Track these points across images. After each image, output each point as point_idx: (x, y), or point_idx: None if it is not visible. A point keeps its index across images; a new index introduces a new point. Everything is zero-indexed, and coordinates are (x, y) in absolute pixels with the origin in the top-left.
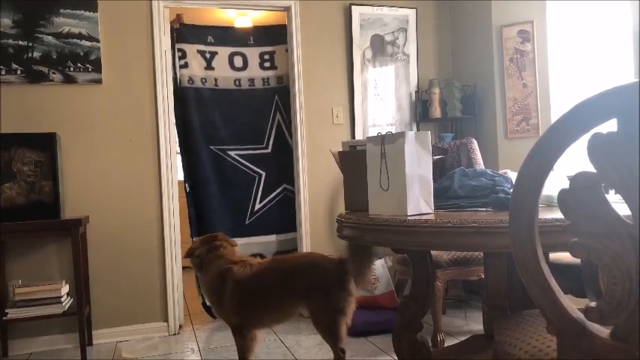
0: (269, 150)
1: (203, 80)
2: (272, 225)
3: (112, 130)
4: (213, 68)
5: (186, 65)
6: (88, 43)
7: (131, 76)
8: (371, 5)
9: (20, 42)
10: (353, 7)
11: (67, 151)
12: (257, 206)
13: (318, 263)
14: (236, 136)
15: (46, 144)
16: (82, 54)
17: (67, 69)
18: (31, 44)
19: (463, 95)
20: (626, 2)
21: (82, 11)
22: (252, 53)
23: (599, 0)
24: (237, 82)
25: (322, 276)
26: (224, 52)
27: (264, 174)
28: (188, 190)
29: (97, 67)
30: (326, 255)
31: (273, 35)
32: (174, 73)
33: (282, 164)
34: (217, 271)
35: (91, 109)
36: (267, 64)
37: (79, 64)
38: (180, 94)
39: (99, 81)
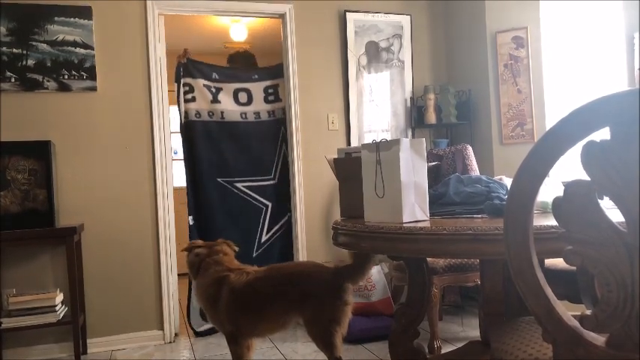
0: (275, 180)
1: (210, 113)
2: (279, 256)
3: (107, 137)
4: (219, 102)
5: (193, 99)
6: (82, 51)
7: (126, 84)
8: (366, 12)
9: (14, 50)
10: (348, 14)
11: (61, 158)
12: (264, 238)
13: (313, 272)
14: (243, 167)
15: (40, 152)
16: (76, 62)
17: (62, 77)
18: (25, 52)
19: (458, 101)
20: (619, 7)
21: (76, 19)
22: (257, 88)
23: (593, 1)
24: (243, 115)
25: (316, 285)
26: (229, 87)
27: (270, 205)
28: (192, 222)
29: (91, 74)
30: (322, 264)
31: (277, 70)
32: (180, 108)
33: (287, 194)
34: (214, 278)
35: (85, 117)
36: (271, 98)
37: (73, 72)
38: (188, 127)
39: (93, 88)
